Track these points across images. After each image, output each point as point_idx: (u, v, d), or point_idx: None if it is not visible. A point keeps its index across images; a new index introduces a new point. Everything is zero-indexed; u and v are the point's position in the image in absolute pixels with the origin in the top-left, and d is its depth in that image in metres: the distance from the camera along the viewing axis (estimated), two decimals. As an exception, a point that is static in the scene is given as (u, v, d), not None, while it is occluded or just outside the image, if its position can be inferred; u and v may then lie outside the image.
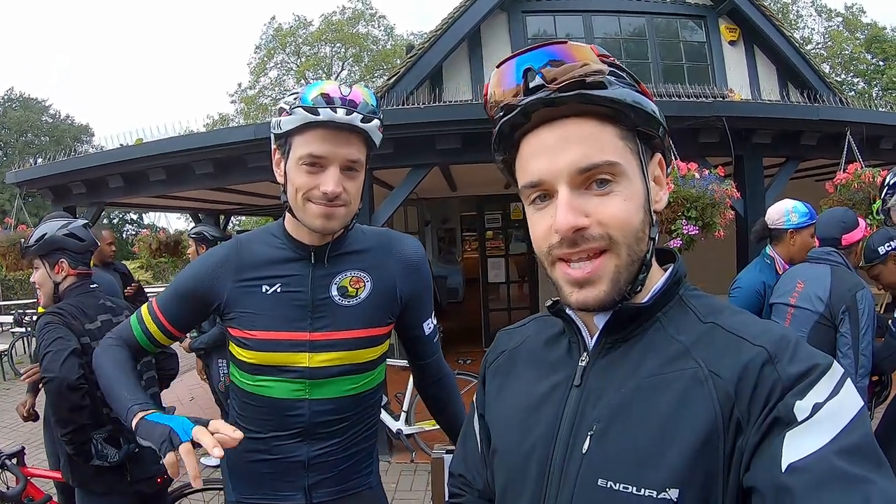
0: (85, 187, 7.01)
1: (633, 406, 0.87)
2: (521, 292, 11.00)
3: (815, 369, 0.78)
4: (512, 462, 1.02)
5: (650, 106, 0.91)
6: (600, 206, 0.88)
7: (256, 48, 38.34)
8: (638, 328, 0.93)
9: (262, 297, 1.69)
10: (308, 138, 1.57)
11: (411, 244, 1.88)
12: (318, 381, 1.69)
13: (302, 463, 1.71)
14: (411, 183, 5.96)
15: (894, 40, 31.57)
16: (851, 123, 6.10)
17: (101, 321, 2.68)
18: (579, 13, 10.13)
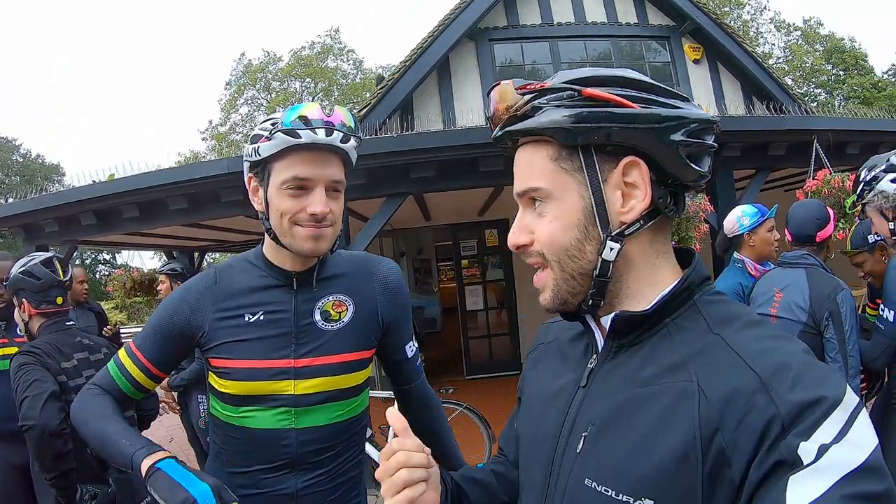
0: (57, 225, 6.87)
1: (624, 413, 0.89)
2: (500, 319, 10.96)
3: (821, 403, 0.73)
4: (527, 450, 1.10)
5: (583, 120, 0.90)
6: (536, 225, 0.97)
7: (227, 84, 38.47)
8: (644, 334, 0.94)
9: (244, 326, 1.66)
10: (290, 162, 1.55)
11: (389, 266, 1.88)
12: (305, 408, 1.65)
13: (290, 496, 1.66)
14: (387, 212, 5.96)
15: (852, 50, 32.37)
16: (818, 131, 6.24)
17: (78, 359, 2.63)
18: (545, 39, 10.27)
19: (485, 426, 5.60)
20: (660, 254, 0.97)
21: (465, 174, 5.96)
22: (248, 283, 1.71)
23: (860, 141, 6.69)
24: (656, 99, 0.91)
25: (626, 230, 0.92)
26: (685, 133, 0.90)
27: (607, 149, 0.92)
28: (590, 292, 0.95)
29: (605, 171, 0.92)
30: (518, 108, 0.95)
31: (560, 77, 0.94)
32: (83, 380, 2.54)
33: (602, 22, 10.26)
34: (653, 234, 0.96)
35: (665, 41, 10.54)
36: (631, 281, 0.96)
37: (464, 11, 9.41)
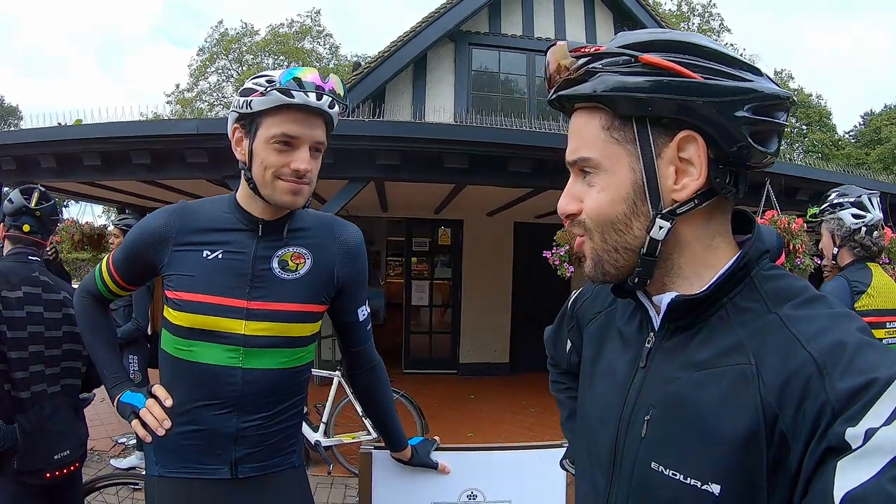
0: (15, 164, 6.76)
1: (685, 397, 0.87)
2: (443, 318, 11.05)
3: (872, 386, 0.70)
4: (591, 423, 1.08)
5: (640, 88, 0.85)
6: (585, 195, 0.94)
7: (199, 50, 37.73)
8: (701, 315, 0.90)
9: (202, 261, 1.74)
10: (280, 119, 1.64)
11: (353, 231, 1.95)
12: (253, 349, 1.72)
13: (230, 435, 1.72)
14: (347, 195, 6.01)
15: (818, 107, 33.33)
16: (772, 174, 6.37)
17: (24, 292, 2.60)
18: (523, 51, 10.46)
19: (419, 415, 5.73)
20: (717, 234, 0.93)
21: (429, 168, 6.01)
22: (214, 223, 1.79)
23: (811, 188, 6.95)
24: (723, 69, 0.86)
25: (679, 209, 0.88)
26: (752, 109, 0.85)
27: (663, 121, 0.87)
28: (636, 270, 0.92)
29: (660, 144, 0.88)
30: (572, 71, 0.91)
31: (618, 40, 0.91)
32: (23, 313, 2.54)
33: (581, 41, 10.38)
34: (709, 215, 0.91)
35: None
36: (683, 262, 0.92)
37: (448, 11, 9.54)
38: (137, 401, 1.77)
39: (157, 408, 1.73)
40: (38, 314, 2.62)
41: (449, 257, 10.89)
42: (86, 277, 2.01)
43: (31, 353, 2.54)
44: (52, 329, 2.65)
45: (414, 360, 10.67)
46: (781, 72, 35.50)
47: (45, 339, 2.62)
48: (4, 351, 2.45)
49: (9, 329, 2.47)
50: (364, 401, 2.16)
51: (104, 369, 1.90)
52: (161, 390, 1.76)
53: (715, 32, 34.69)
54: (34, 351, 2.56)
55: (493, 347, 10.38)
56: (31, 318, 2.58)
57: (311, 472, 5.72)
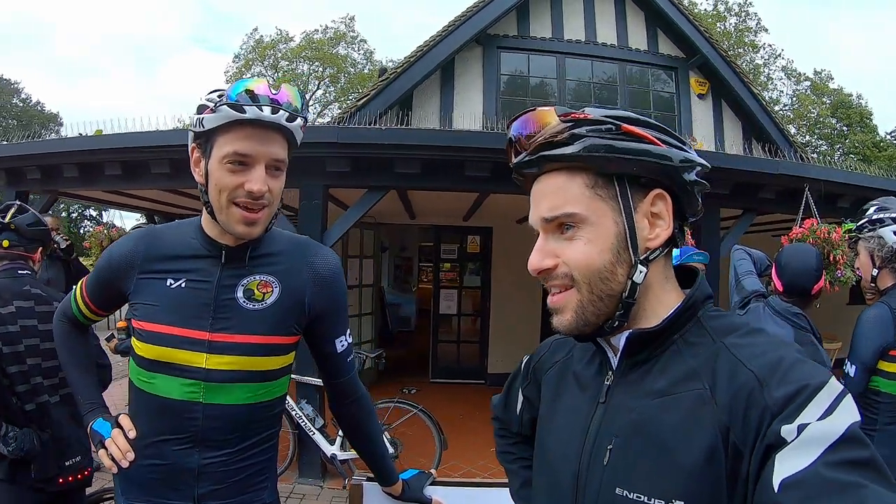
0: (39, 173, 6.81)
1: (647, 423, 0.95)
2: (473, 326, 10.94)
3: (804, 391, 0.80)
4: (549, 464, 1.15)
5: (626, 150, 0.98)
6: (566, 250, 1.01)
7: (235, 57, 38.56)
8: (656, 350, 1.01)
9: (165, 290, 1.65)
10: (232, 137, 1.52)
11: (327, 256, 1.83)
12: (214, 384, 1.62)
13: (192, 471, 1.63)
14: (366, 204, 5.89)
15: (859, 107, 32.65)
16: (811, 180, 6.17)
17: (17, 306, 2.64)
18: (553, 54, 10.23)
19: (437, 431, 5.57)
20: (668, 278, 1.06)
21: (450, 176, 5.88)
22: (178, 249, 1.70)
23: (853, 195, 6.63)
24: (673, 142, 1.02)
25: (651, 255, 1.01)
26: (696, 173, 1.03)
27: (641, 180, 1.00)
28: (617, 314, 1.01)
29: (636, 200, 1.00)
30: (556, 134, 1.00)
31: (596, 112, 1.01)
32: (17, 327, 2.60)
33: (612, 44, 10.24)
34: (664, 260, 1.05)
35: (672, 72, 10.53)
36: (647, 303, 1.03)
37: (476, 14, 9.36)
38: (105, 430, 1.71)
39: (120, 438, 1.66)
40: (33, 327, 2.66)
41: (478, 265, 10.79)
42: (63, 300, 1.98)
43: (31, 366, 2.61)
44: (46, 340, 2.64)
45: (441, 370, 10.56)
46: (821, 72, 34.96)
47: (41, 352, 2.66)
48: (4, 367, 2.53)
49: (4, 345, 2.54)
50: (350, 434, 2.03)
51: (78, 394, 1.87)
52: (126, 420, 1.70)
53: (752, 32, 34.20)
54: (32, 363, 2.63)
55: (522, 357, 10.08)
56: (26, 332, 2.63)
57: (328, 486, 5.72)
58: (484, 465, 6.31)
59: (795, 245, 3.30)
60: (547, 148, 1.01)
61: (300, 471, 5.82)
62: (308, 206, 5.70)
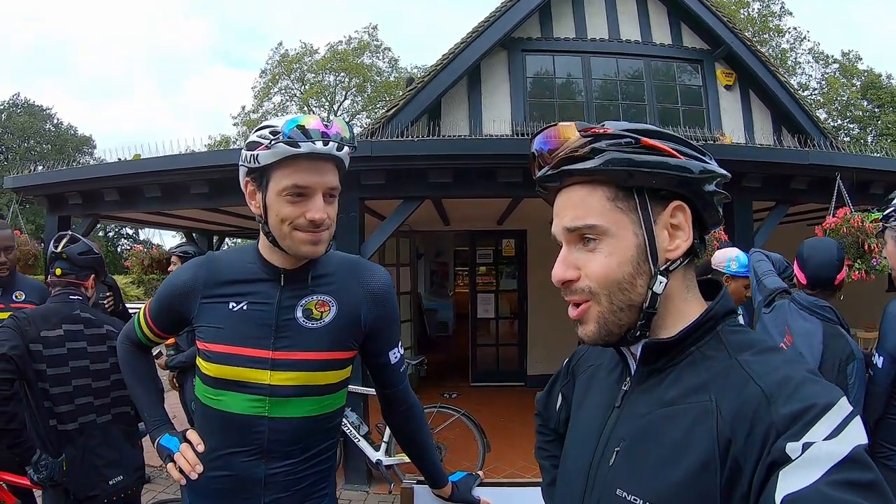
0: (80, 198, 7.02)
1: (652, 430, 0.98)
2: (511, 329, 10.96)
3: (812, 410, 0.81)
4: (568, 461, 1.21)
5: (645, 163, 1.00)
6: (587, 261, 1.04)
7: (262, 72, 38.75)
8: (672, 361, 1.03)
9: (227, 313, 1.76)
10: (289, 171, 1.63)
11: (380, 275, 1.93)
12: (279, 399, 1.73)
13: (259, 481, 1.73)
14: (402, 215, 5.99)
15: (890, 87, 31.95)
16: (842, 168, 6.13)
17: (66, 330, 2.78)
18: (578, 54, 10.20)
19: (480, 434, 5.61)
20: (689, 289, 1.07)
21: (483, 183, 5.96)
22: (239, 274, 1.81)
23: (885, 181, 6.56)
24: (693, 154, 1.03)
25: (671, 266, 1.03)
26: (716, 185, 1.04)
27: (661, 193, 1.02)
28: (639, 324, 1.03)
29: (656, 212, 1.02)
30: (577, 148, 1.02)
31: (615, 125, 1.03)
32: (63, 350, 2.73)
33: (636, 41, 10.20)
34: (685, 271, 1.06)
35: (698, 64, 10.44)
36: (667, 313, 1.04)
37: (499, 19, 9.38)
38: (173, 445, 1.80)
39: (189, 452, 1.75)
40: (82, 349, 2.81)
41: (514, 268, 10.82)
42: (127, 324, 2.08)
43: (76, 387, 2.73)
44: (97, 362, 2.86)
45: (481, 373, 10.60)
46: (849, 53, 34.07)
47: (91, 373, 2.81)
48: (47, 388, 2.64)
49: (49, 367, 2.66)
50: (402, 440, 2.13)
51: (145, 412, 1.96)
52: (194, 435, 1.79)
53: (776, 16, 33.64)
54: (80, 384, 2.75)
55: (561, 358, 9.68)
56: (74, 354, 2.77)
57: (373, 491, 5.80)
58: (526, 467, 6.34)
59: (816, 238, 3.28)
60: (568, 162, 1.03)
61: (346, 477, 5.92)
62: (345, 219, 5.78)
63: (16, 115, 40.26)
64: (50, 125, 42.15)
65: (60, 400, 2.68)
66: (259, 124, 1.71)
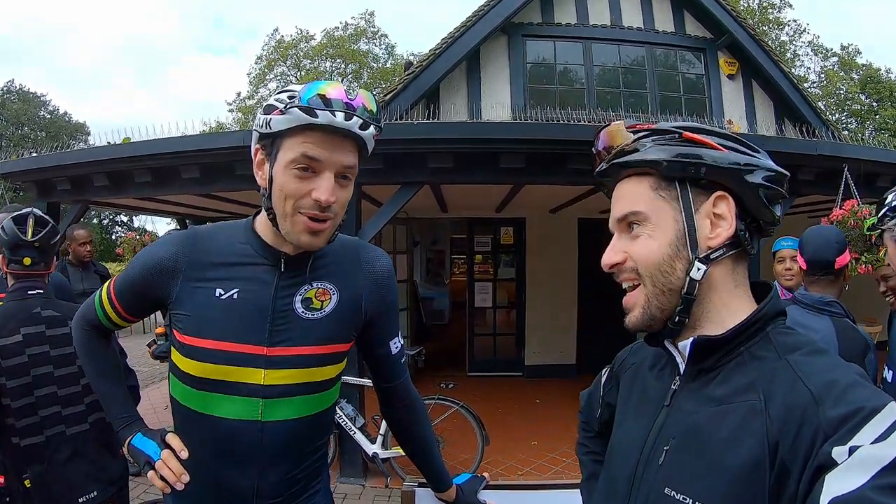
0: (70, 184, 6.89)
1: (701, 429, 0.99)
2: (509, 318, 10.89)
3: (859, 413, 0.80)
4: (613, 459, 1.21)
5: (684, 156, 1.04)
6: (632, 245, 1.09)
7: (258, 58, 38.68)
8: (722, 360, 1.03)
9: (215, 301, 1.54)
10: (302, 140, 1.42)
11: (382, 258, 1.77)
12: (273, 400, 1.54)
13: (250, 488, 1.57)
14: (400, 200, 5.86)
15: (889, 81, 32.04)
16: (850, 160, 6.05)
17: (25, 334, 2.47)
18: (579, 40, 10.10)
19: (479, 426, 5.53)
20: (738, 284, 1.08)
21: (483, 169, 5.83)
22: (229, 255, 1.59)
23: (892, 174, 6.47)
24: (738, 147, 1.06)
25: (712, 254, 1.04)
26: (764, 178, 1.04)
27: (701, 183, 1.06)
28: (678, 309, 1.05)
29: (698, 201, 1.06)
30: (627, 144, 1.10)
31: (664, 124, 1.09)
32: (24, 358, 2.43)
33: (638, 27, 10.09)
34: (733, 264, 1.07)
35: (701, 53, 10.37)
36: (711, 304, 1.06)
37: (499, 3, 9.26)
38: (151, 450, 1.59)
39: (173, 461, 1.54)
40: (44, 354, 2.48)
41: (512, 256, 10.74)
42: (84, 304, 1.82)
43: (39, 397, 2.43)
44: (63, 366, 2.52)
45: (478, 363, 10.53)
46: (848, 46, 34.14)
47: (55, 379, 2.49)
48: (9, 404, 2.36)
49: (8, 379, 2.37)
50: (402, 439, 1.97)
51: (109, 406, 1.76)
52: (176, 441, 1.58)
53: (776, 8, 33.60)
54: (43, 394, 2.45)
55: (560, 348, 10.10)
56: (35, 361, 2.45)
57: (370, 485, 5.73)
58: (525, 459, 6.29)
59: (818, 226, 3.17)
60: (618, 157, 1.11)
61: (341, 470, 5.80)
62: (341, 204, 5.62)
63: (10, 101, 40.19)
64: (45, 112, 42.09)
65: (22, 413, 2.40)
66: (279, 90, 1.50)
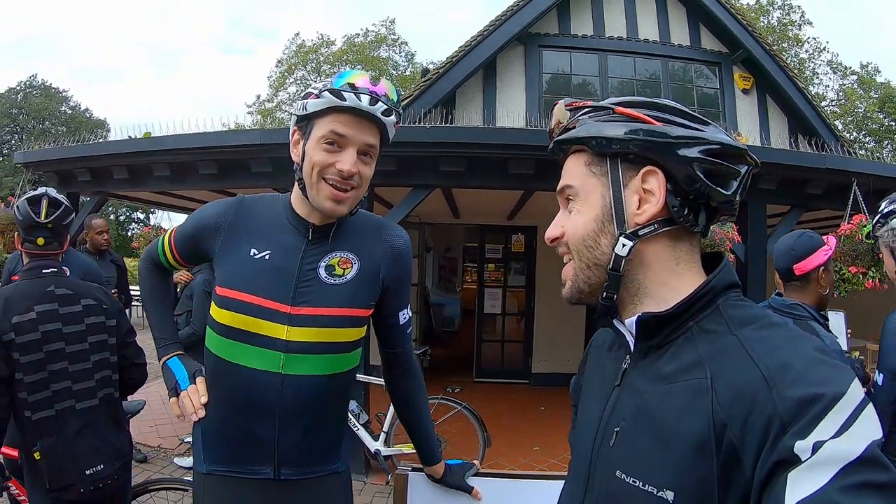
0: (90, 175, 7.04)
1: (648, 409, 0.97)
2: (518, 326, 10.92)
3: (819, 400, 0.76)
4: (578, 440, 1.19)
5: (612, 131, 1.04)
6: (567, 220, 1.11)
7: (278, 62, 38.94)
8: (670, 336, 1.01)
9: (249, 259, 1.76)
10: (331, 119, 1.66)
11: (399, 233, 1.97)
12: (294, 355, 1.72)
13: (272, 439, 1.74)
14: (412, 202, 5.95)
15: (908, 101, 31.66)
16: (858, 174, 6.05)
17: (39, 312, 2.54)
18: (595, 52, 10.16)
19: (481, 428, 5.58)
20: (681, 261, 1.05)
21: (494, 174, 5.91)
22: (267, 221, 1.83)
23: (902, 190, 6.42)
24: (676, 120, 1.03)
25: (640, 231, 1.02)
26: (703, 152, 1.00)
27: (629, 157, 1.04)
28: (605, 285, 1.05)
29: (627, 177, 1.04)
30: (565, 121, 1.12)
31: (606, 101, 1.09)
32: (37, 334, 2.50)
33: (654, 40, 10.14)
34: (672, 242, 1.05)
35: (716, 67, 10.39)
36: (648, 282, 1.04)
37: (516, 14, 9.35)
38: (181, 377, 1.88)
39: (196, 397, 1.81)
40: (56, 331, 2.56)
41: (522, 264, 10.76)
42: (151, 243, 2.12)
43: (52, 372, 2.51)
44: (74, 343, 2.60)
45: (485, 369, 10.56)
46: (867, 65, 33.83)
47: (67, 355, 2.57)
48: (22, 378, 2.44)
49: (22, 355, 2.44)
50: (398, 404, 2.16)
51: (156, 329, 2.03)
52: (202, 385, 1.84)
53: (796, 26, 33.43)
54: (55, 369, 2.53)
55: (567, 357, 10.05)
56: (47, 337, 2.53)
57: (371, 481, 5.79)
58: (527, 464, 6.31)
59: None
60: (560, 134, 1.13)
61: (343, 465, 5.83)
62: (353, 204, 5.71)
63: (32, 95, 40.59)
64: (66, 107, 42.45)
65: (34, 388, 2.48)
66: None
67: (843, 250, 5.34)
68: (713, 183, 1.00)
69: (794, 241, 2.93)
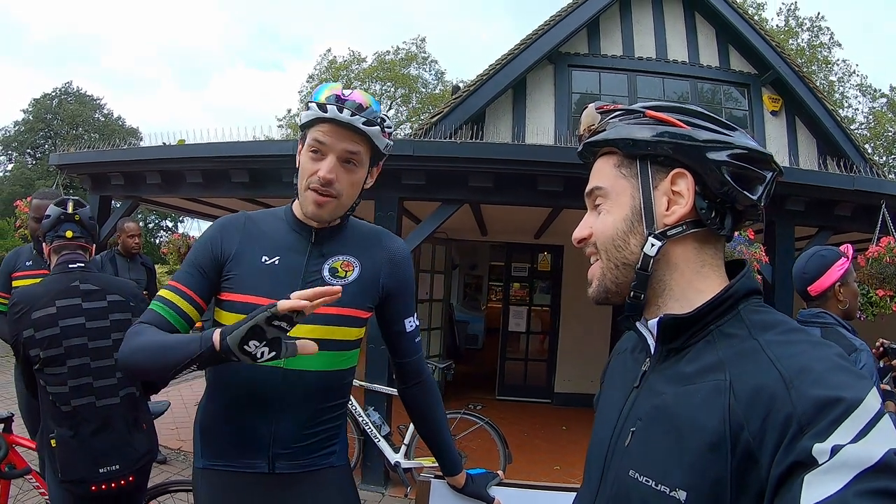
0: (123, 179, 7.16)
1: (665, 409, 0.97)
2: (542, 345, 10.88)
3: (838, 404, 0.76)
4: (595, 442, 1.19)
5: (642, 134, 1.06)
6: (595, 221, 1.13)
7: (309, 77, 39.26)
8: (691, 339, 1.02)
9: (259, 265, 1.83)
10: (316, 129, 1.76)
11: (400, 243, 2.05)
12: None
13: (268, 433, 1.80)
14: (440, 217, 5.99)
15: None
16: (887, 196, 5.97)
17: (60, 306, 2.56)
18: (625, 72, 10.20)
19: (502, 443, 5.57)
20: (706, 264, 1.06)
21: (523, 190, 5.93)
22: (273, 231, 1.90)
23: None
24: (705, 125, 1.05)
25: (669, 231, 1.04)
26: (730, 156, 1.02)
27: (659, 159, 1.06)
28: (632, 284, 1.06)
29: (657, 179, 1.06)
30: (597, 125, 1.14)
31: (636, 104, 1.12)
32: (56, 329, 2.51)
33: (683, 61, 10.16)
34: (699, 244, 1.06)
35: (745, 88, 10.38)
36: (674, 283, 1.06)
37: (546, 33, 9.42)
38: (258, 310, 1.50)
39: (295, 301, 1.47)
40: (79, 326, 2.58)
41: (548, 283, 10.72)
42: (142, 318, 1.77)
43: (71, 368, 2.53)
44: (97, 339, 2.60)
45: (508, 387, 10.51)
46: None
47: (90, 351, 2.58)
48: (43, 369, 2.51)
49: (42, 350, 2.50)
50: (415, 417, 2.18)
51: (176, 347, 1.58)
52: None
53: (825, 48, 33.15)
54: (75, 365, 2.54)
55: (590, 377, 9.95)
56: (67, 333, 2.54)
57: (390, 493, 5.78)
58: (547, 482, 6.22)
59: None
60: (589, 136, 1.15)
61: (363, 477, 5.88)
62: (383, 217, 5.85)
63: (67, 102, 41.15)
64: (99, 115, 42.99)
65: (53, 381, 2.51)
66: None
67: (870, 273, 5.30)
68: (740, 187, 1.02)
69: (805, 262, 2.98)
